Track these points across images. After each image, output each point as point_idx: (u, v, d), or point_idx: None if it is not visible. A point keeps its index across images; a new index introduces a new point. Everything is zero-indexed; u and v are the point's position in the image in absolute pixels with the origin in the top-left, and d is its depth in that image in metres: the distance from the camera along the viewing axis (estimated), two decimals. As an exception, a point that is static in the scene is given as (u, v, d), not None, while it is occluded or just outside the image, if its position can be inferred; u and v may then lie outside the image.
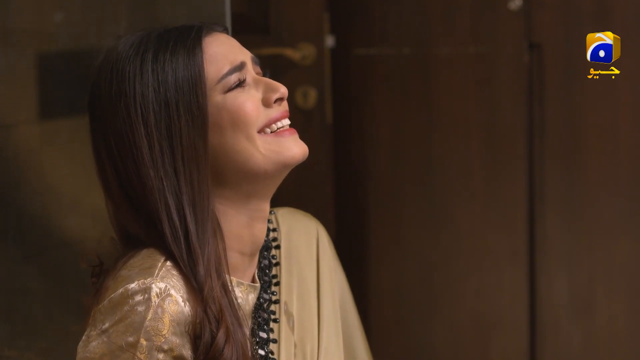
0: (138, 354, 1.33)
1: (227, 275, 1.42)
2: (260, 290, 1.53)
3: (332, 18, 2.78)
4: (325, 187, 2.78)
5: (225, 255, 1.43)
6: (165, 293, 1.35)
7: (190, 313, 1.36)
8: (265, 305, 1.53)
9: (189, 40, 1.43)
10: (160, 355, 1.34)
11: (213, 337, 1.36)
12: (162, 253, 1.40)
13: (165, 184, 1.39)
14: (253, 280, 1.52)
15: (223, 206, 1.45)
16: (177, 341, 1.35)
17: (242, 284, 1.48)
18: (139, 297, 1.34)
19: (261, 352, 1.49)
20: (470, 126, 2.73)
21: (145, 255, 1.40)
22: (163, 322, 1.35)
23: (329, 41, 2.78)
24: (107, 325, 1.35)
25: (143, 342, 1.34)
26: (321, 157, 2.75)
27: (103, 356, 1.35)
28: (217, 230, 1.43)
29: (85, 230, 2.19)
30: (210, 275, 1.38)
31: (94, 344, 1.36)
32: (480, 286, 2.76)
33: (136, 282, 1.35)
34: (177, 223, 1.39)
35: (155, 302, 1.34)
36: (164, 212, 1.39)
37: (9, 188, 2.10)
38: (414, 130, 2.78)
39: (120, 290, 1.35)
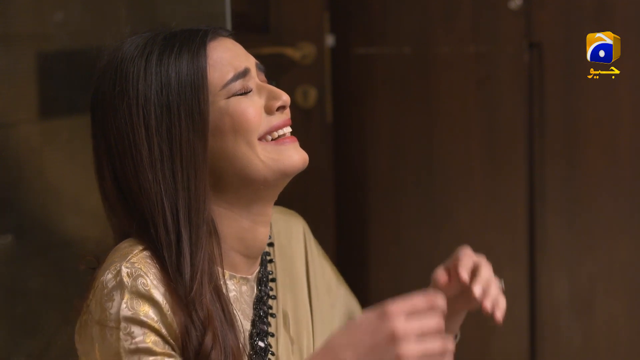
0: (121, 334, 1.34)
1: (222, 277, 1.43)
2: (261, 284, 1.54)
3: (332, 17, 2.78)
4: (326, 187, 2.78)
5: (221, 260, 1.43)
6: (135, 274, 1.36)
7: (162, 301, 1.36)
8: (265, 298, 1.54)
9: (194, 44, 1.43)
10: (135, 329, 1.35)
11: (200, 343, 1.37)
12: (140, 242, 1.41)
13: (162, 186, 1.40)
14: None
15: (225, 210, 1.45)
16: (155, 317, 1.36)
17: (234, 276, 1.49)
18: (112, 283, 1.36)
19: (261, 344, 1.50)
20: (470, 126, 2.73)
21: (126, 245, 1.41)
22: (139, 301, 1.35)
23: (329, 40, 2.78)
24: (91, 315, 1.37)
25: (123, 323, 1.35)
26: (321, 156, 2.74)
27: (93, 344, 1.37)
28: (214, 234, 1.43)
29: (85, 230, 2.19)
30: (201, 282, 1.38)
31: (83, 334, 1.38)
32: (480, 286, 2.75)
33: (108, 272, 1.37)
34: (171, 226, 1.39)
35: (128, 284, 1.35)
36: (159, 214, 1.39)
37: (9, 188, 2.11)
38: (414, 130, 2.78)
39: (99, 283, 1.37)
